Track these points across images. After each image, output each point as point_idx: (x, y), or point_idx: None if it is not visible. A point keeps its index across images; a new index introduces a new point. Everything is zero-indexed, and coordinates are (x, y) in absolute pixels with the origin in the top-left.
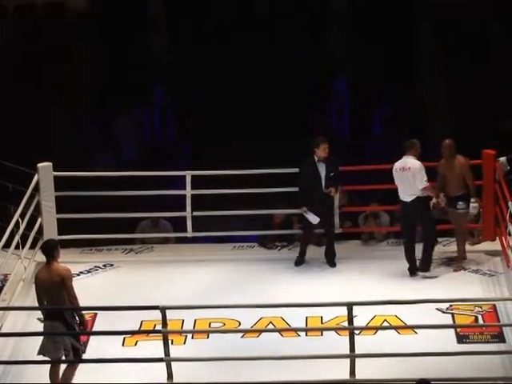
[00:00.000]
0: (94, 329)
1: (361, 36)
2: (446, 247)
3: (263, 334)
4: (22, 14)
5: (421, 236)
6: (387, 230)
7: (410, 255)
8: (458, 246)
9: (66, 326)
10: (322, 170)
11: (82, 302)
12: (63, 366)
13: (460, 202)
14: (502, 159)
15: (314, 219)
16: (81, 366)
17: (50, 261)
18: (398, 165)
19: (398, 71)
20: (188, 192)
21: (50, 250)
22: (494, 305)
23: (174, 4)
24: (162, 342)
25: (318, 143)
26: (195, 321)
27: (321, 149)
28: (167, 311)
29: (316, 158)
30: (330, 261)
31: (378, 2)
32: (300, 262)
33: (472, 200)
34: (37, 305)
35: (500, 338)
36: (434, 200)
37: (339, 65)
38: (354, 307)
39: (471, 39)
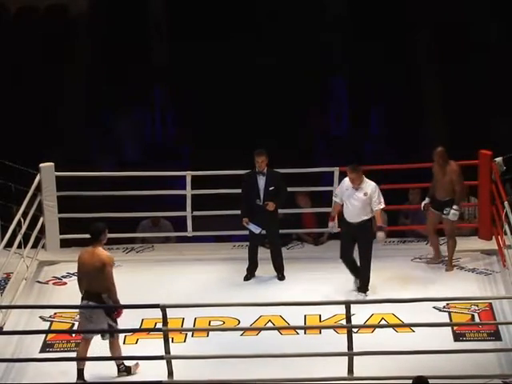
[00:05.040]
0: None
1: (359, 36)
2: (442, 246)
3: (262, 332)
4: (24, 15)
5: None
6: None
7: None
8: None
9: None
10: (262, 182)
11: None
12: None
13: (447, 208)
14: (499, 159)
15: (255, 229)
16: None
17: (95, 244)
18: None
19: (396, 72)
20: (188, 192)
21: (98, 234)
22: (491, 303)
23: (175, 5)
24: (162, 340)
25: (254, 156)
26: (195, 319)
27: (255, 161)
28: (168, 310)
29: (256, 170)
30: (278, 273)
31: (376, 2)
32: (250, 276)
33: (454, 207)
34: (38, 304)
35: (496, 336)
36: (426, 201)
37: (337, 65)
38: (352, 306)
39: (469, 40)
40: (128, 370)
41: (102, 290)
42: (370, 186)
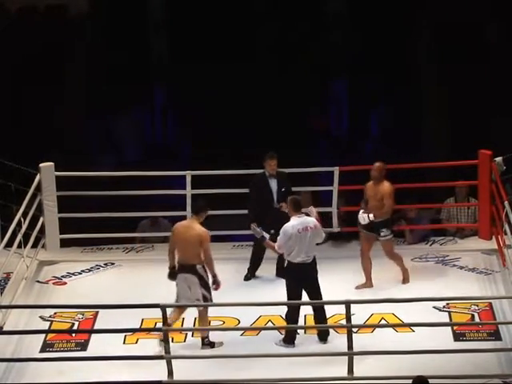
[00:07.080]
0: (96, 327)
1: (359, 36)
2: (442, 246)
3: (262, 331)
4: (25, 15)
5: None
6: None
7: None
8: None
9: (198, 278)
10: (274, 185)
11: (84, 300)
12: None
13: (384, 229)
14: (499, 159)
15: (262, 233)
16: (82, 363)
17: (193, 218)
18: (298, 226)
19: (396, 72)
20: (188, 192)
21: (199, 209)
22: (490, 303)
23: (175, 5)
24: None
25: (265, 159)
26: (195, 319)
27: (267, 165)
28: (168, 309)
29: (267, 173)
30: (279, 273)
31: (376, 2)
32: (250, 276)
33: (383, 230)
34: (38, 303)
35: (496, 335)
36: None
37: (337, 65)
38: (352, 305)
39: (469, 41)
40: (212, 345)
41: (196, 262)
42: None
